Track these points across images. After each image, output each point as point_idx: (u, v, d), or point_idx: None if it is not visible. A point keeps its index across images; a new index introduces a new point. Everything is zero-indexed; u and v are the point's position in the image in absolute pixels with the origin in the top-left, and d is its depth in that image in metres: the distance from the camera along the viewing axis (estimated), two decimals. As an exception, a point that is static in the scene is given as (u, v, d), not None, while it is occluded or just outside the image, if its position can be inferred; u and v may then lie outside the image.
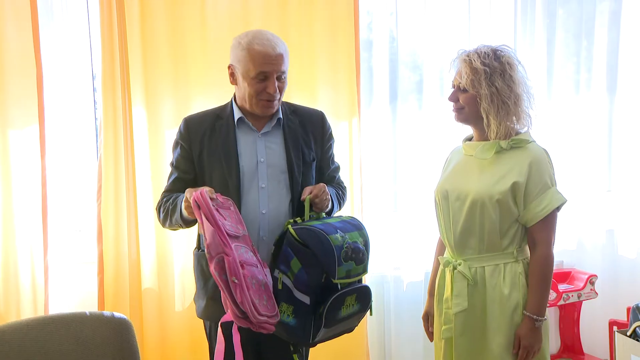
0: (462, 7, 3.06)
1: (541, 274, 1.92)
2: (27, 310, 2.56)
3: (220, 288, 1.73)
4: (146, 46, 2.63)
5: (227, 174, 1.99)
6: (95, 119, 2.78)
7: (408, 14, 3.02)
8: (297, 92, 2.68)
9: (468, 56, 1.93)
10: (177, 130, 2.11)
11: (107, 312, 2.11)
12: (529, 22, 3.16)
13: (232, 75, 2.04)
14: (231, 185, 1.98)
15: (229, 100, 2.11)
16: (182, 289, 2.74)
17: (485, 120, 1.93)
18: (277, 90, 1.98)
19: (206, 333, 2.14)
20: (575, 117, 3.25)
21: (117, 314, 2.10)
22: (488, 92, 1.89)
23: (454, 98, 1.99)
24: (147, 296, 2.70)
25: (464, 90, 1.94)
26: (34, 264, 2.56)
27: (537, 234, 1.92)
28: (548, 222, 1.91)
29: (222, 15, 2.71)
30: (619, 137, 3.34)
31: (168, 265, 2.71)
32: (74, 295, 2.71)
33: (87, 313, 2.07)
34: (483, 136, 1.99)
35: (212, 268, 1.72)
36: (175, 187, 2.08)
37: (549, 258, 1.93)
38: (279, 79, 1.98)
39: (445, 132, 3.06)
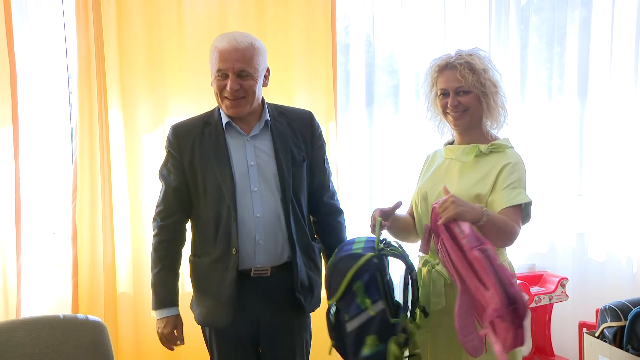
0: (437, 13, 3.10)
1: (504, 224, 1.82)
2: (-1, 313, 2.53)
3: (489, 277, 1.62)
4: (122, 48, 2.62)
5: (221, 180, 1.97)
6: (71, 120, 2.76)
7: (385, 19, 3.05)
8: (274, 96, 2.65)
9: (463, 58, 1.96)
10: (161, 136, 2.10)
11: (81, 315, 2.09)
12: (503, 28, 3.21)
13: None
14: (226, 191, 1.97)
15: (212, 104, 2.10)
16: (158, 293, 2.73)
17: (485, 118, 1.99)
18: (241, 88, 1.94)
19: (206, 340, 2.13)
20: (547, 122, 3.31)
21: (91, 317, 2.07)
22: (489, 89, 1.96)
23: (455, 102, 1.98)
24: (122, 300, 2.68)
25: (467, 92, 1.96)
26: (6, 266, 2.53)
27: (507, 215, 1.86)
28: (516, 212, 1.86)
29: (199, 18, 2.71)
30: (589, 142, 3.40)
31: (143, 268, 2.69)
32: (47, 299, 2.67)
33: (61, 316, 2.05)
34: (465, 140, 2.03)
35: (477, 256, 1.64)
36: (169, 202, 2.05)
37: (514, 228, 1.84)
38: (241, 76, 1.93)
39: (421, 136, 3.10)
